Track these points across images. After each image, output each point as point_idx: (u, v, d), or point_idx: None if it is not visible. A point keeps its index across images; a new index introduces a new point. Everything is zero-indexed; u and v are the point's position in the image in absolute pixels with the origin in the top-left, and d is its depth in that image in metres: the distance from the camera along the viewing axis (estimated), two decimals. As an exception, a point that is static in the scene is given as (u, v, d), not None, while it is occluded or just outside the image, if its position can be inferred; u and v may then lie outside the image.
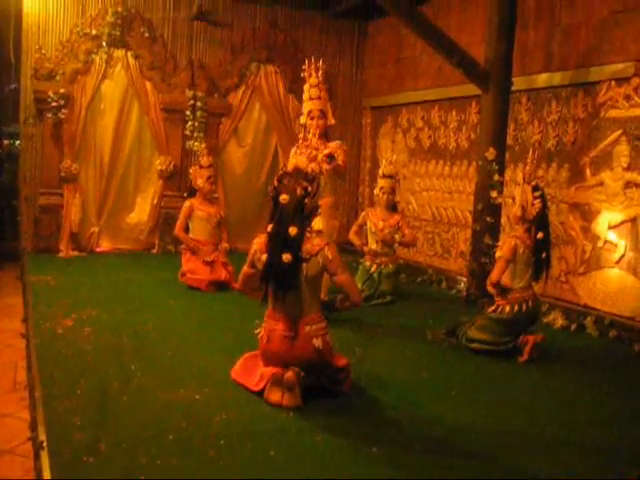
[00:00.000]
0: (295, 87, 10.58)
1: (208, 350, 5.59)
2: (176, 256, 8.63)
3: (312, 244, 4.52)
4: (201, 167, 8.37)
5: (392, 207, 8.00)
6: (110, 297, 7.34)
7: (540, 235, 5.77)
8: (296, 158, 4.76)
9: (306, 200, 4.45)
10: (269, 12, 11.21)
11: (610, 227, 6.97)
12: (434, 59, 9.39)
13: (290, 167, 4.58)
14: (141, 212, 10.83)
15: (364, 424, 4.20)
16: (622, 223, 6.84)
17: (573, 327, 6.95)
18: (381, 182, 7.96)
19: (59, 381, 4.60)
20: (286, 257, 4.33)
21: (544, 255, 5.81)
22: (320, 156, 6.37)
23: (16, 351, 6.08)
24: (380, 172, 8.05)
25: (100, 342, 5.58)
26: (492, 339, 5.83)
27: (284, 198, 4.39)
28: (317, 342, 4.48)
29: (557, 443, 4.06)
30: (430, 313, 7.37)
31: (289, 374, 4.38)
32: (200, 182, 8.31)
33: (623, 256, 6.83)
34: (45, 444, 3.58)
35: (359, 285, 7.80)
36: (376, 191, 8.08)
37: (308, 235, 4.54)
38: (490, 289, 5.92)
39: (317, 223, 5.20)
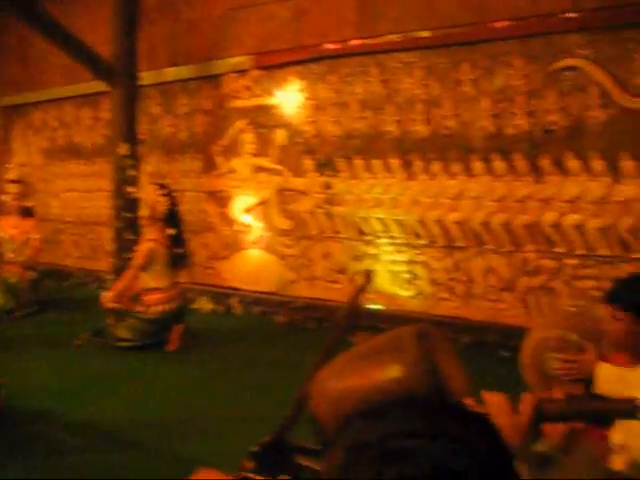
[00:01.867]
0: None
1: None
2: None
3: None
4: None
5: (25, 212, 7.56)
6: None
7: (172, 232, 5.87)
8: None
9: None
10: None
11: (245, 210, 7.37)
12: (62, 56, 9.05)
13: None
14: None
15: (14, 441, 3.95)
16: (255, 206, 7.27)
17: (221, 309, 7.24)
18: (9, 187, 7.49)
19: None
20: None
21: (180, 250, 5.93)
22: None
23: None
24: (7, 177, 7.59)
25: None
26: (141, 337, 5.82)
27: None
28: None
29: (212, 420, 4.21)
30: (79, 316, 7.13)
31: None
32: None
33: (260, 237, 7.27)
34: None
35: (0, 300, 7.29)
36: (5, 197, 7.58)
37: None
38: (110, 304, 5.86)
39: None
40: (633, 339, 2.33)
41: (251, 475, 2.18)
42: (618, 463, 1.62)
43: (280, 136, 7.06)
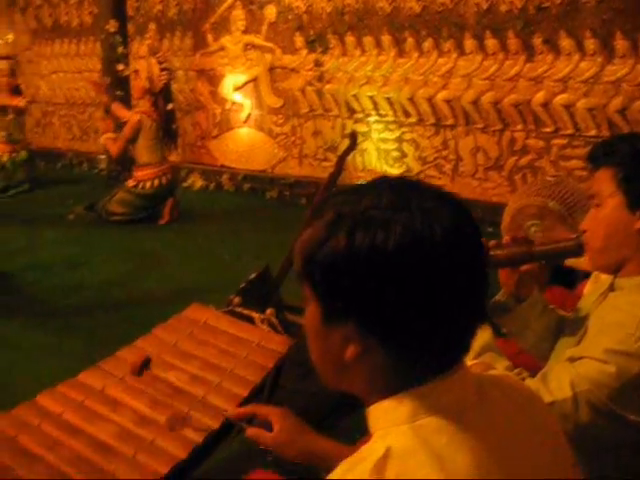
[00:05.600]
0: None
1: None
2: None
3: None
4: None
5: (14, 90, 7.45)
6: None
7: (170, 106, 5.90)
8: None
9: None
10: None
11: (235, 89, 7.32)
12: None
13: None
14: None
15: (4, 305, 4.12)
16: (245, 84, 7.22)
17: (212, 186, 7.31)
18: (-2, 65, 7.36)
19: None
20: None
21: (174, 126, 5.96)
22: None
23: None
24: (-4, 54, 7.44)
25: None
26: (132, 211, 5.92)
27: None
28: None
29: (193, 287, 4.32)
30: (71, 195, 7.16)
31: None
32: None
33: (250, 115, 7.27)
34: None
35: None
36: (-5, 76, 7.45)
37: None
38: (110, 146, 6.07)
39: None
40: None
41: (238, 309, 2.31)
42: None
43: (270, 12, 6.95)
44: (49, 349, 3.52)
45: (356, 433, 1.53)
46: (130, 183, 5.95)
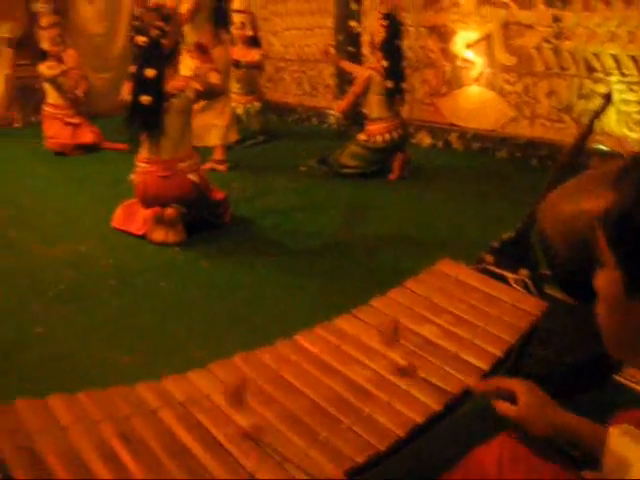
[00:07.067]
0: None
1: (86, 206, 5.50)
2: (40, 126, 8.03)
3: (177, 80, 4.54)
4: (42, 29, 7.73)
5: (252, 42, 7.79)
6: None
7: (384, 63, 5.90)
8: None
9: (163, 41, 4.40)
10: None
11: (467, 46, 7.18)
12: None
13: (152, 3, 4.50)
14: (-6, 87, 10.05)
15: (247, 246, 4.47)
16: (478, 41, 7.05)
17: (440, 144, 7.29)
18: (235, 18, 7.71)
19: None
20: (145, 99, 4.33)
21: (389, 84, 5.94)
22: None
23: None
24: (233, 7, 7.79)
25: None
26: (363, 165, 6.07)
27: (140, 39, 4.37)
28: (193, 177, 4.56)
29: (422, 242, 4.43)
30: (302, 148, 7.47)
31: (170, 211, 4.47)
32: (46, 45, 7.68)
33: (481, 73, 7.10)
34: None
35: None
36: (232, 29, 7.81)
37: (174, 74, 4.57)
38: (341, 109, 6.39)
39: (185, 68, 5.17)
40: None
41: (491, 267, 2.30)
42: None
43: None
44: (293, 289, 3.77)
45: (590, 408, 1.49)
46: (362, 137, 6.10)
